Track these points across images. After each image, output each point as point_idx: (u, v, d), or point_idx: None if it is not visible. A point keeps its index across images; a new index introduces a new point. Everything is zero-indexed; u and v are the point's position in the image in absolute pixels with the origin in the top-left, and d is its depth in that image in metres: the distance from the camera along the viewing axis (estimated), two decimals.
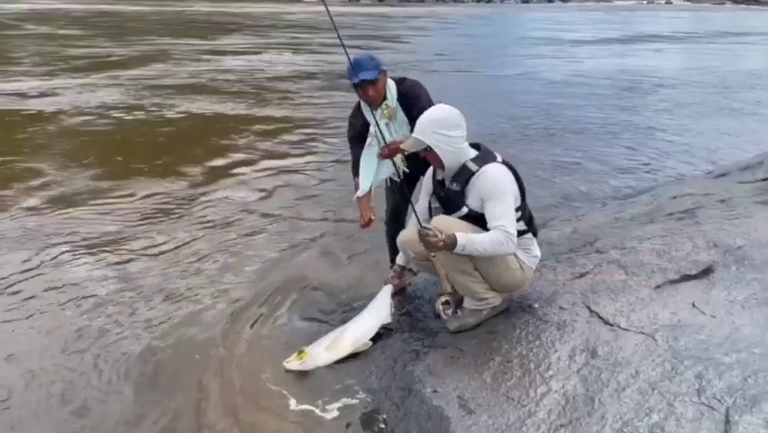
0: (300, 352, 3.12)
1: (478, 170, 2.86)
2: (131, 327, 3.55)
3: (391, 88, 3.38)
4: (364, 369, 3.06)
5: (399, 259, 3.42)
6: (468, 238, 2.77)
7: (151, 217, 5.26)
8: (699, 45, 23.73)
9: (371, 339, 3.22)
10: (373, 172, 3.52)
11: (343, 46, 3.15)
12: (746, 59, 19.43)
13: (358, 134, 3.51)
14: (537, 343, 2.80)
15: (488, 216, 2.82)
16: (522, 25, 34.34)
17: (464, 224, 2.87)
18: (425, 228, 2.82)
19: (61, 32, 21.83)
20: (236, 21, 29.50)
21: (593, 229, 4.07)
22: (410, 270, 3.48)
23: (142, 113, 9.40)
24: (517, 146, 7.62)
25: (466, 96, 9.89)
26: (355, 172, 3.54)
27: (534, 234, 3.06)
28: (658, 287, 2.98)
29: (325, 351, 3.14)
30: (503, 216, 2.78)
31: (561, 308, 3.02)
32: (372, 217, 3.49)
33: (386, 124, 3.35)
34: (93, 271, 4.24)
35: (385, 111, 3.34)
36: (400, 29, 28.25)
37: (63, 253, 4.48)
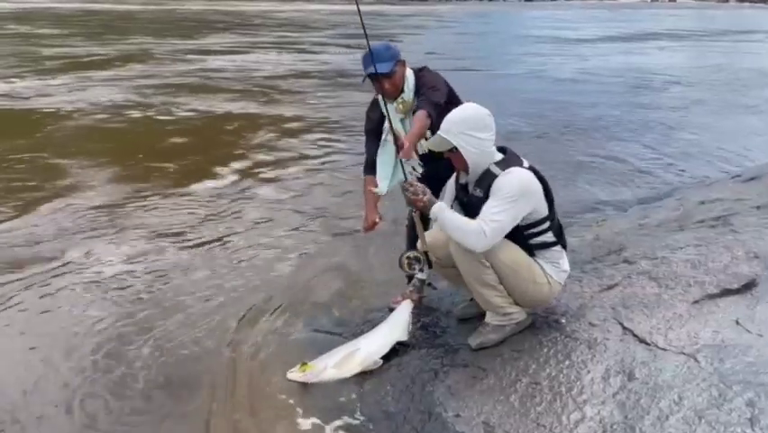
0: (303, 364, 2.94)
1: (501, 174, 2.66)
2: (137, 329, 3.44)
3: (409, 80, 3.16)
4: (379, 388, 2.84)
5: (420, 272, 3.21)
6: (442, 209, 2.66)
7: (164, 216, 5.16)
8: (706, 43, 23.52)
9: (383, 356, 3.01)
10: (391, 172, 3.29)
11: (367, 40, 2.97)
12: (755, 57, 19.15)
13: (375, 128, 3.29)
14: (567, 363, 2.59)
15: (482, 210, 2.62)
16: (522, 23, 34.04)
17: None
18: (408, 183, 2.75)
19: (41, 31, 21.57)
20: (225, 19, 29.32)
21: (617, 236, 3.87)
22: (430, 284, 3.26)
23: (136, 112, 9.27)
24: (531, 146, 7.38)
25: (471, 95, 9.30)
26: (367, 170, 3.32)
27: (564, 247, 2.83)
28: (696, 302, 2.77)
29: (333, 367, 2.94)
30: (490, 214, 2.57)
31: (590, 324, 2.82)
32: (377, 220, 3.24)
33: (401, 120, 3.15)
34: (106, 270, 4.17)
35: (400, 106, 3.13)
36: (395, 27, 27.91)
37: (75, 250, 4.44)
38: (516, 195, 2.58)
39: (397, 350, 3.05)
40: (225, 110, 9.61)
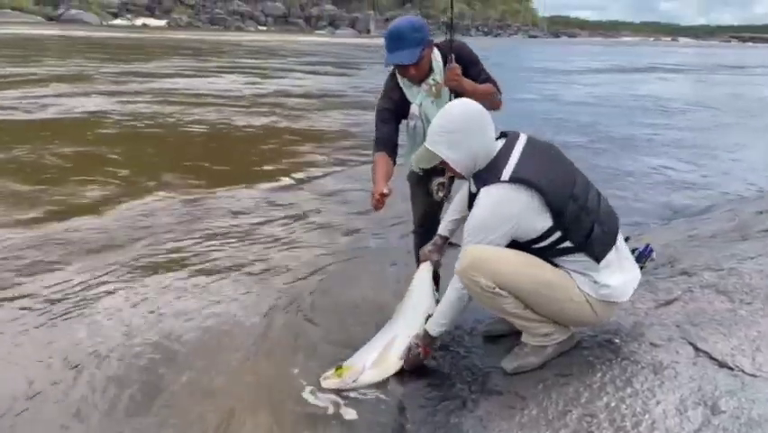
0: (338, 368, 2.51)
1: (476, 194, 2.21)
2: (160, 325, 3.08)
3: (436, 55, 2.73)
4: (393, 420, 2.34)
5: (442, 228, 2.72)
6: (434, 326, 2.45)
7: (186, 222, 4.73)
8: (715, 76, 23.30)
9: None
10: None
11: (451, 33, 2.71)
12: (765, 87, 18.86)
13: (393, 106, 2.80)
14: (629, 391, 2.07)
15: None
16: (518, 57, 33.66)
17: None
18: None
19: None
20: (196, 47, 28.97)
21: (664, 249, 3.37)
22: (452, 243, 2.74)
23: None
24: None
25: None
26: (379, 147, 2.79)
27: (595, 258, 2.19)
28: None
29: (372, 367, 2.52)
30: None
31: (652, 344, 2.30)
32: (385, 192, 2.55)
33: (432, 102, 2.71)
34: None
35: (433, 88, 2.69)
36: (371, 58, 27.36)
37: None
38: (477, 237, 2.17)
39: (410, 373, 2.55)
40: (246, 123, 9.20)
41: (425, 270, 2.74)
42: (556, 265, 2.23)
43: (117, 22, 55.30)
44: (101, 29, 43.36)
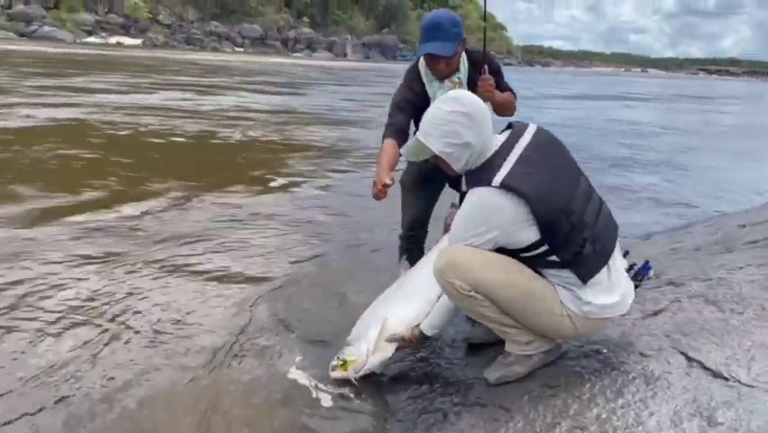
0: (342, 363, 2.41)
1: (468, 193, 2.10)
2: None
3: (464, 59, 2.75)
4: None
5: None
6: (428, 328, 2.35)
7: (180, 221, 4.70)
8: (685, 105, 23.89)
9: None
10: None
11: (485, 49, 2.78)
12: (731, 116, 19.42)
13: (412, 97, 2.76)
14: (621, 402, 1.96)
15: None
16: None
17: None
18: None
19: None
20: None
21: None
22: None
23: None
24: None
25: None
26: (389, 133, 2.72)
27: (581, 278, 2.05)
28: None
29: (374, 352, 2.41)
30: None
31: (642, 354, 2.20)
32: (388, 182, 2.52)
33: None
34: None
35: (457, 86, 2.68)
36: (328, 80, 27.37)
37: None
38: (459, 239, 2.08)
39: (388, 386, 2.42)
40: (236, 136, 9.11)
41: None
42: (542, 275, 2.12)
43: (91, 39, 54.85)
44: (72, 46, 42.91)
